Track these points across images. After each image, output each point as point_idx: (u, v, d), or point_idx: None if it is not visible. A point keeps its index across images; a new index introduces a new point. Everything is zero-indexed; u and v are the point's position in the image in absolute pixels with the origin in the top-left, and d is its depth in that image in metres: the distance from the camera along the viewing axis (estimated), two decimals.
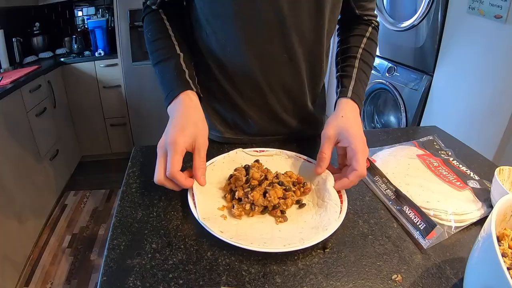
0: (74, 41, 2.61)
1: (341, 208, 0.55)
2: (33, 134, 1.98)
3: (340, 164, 0.63)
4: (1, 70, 2.11)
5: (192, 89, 0.62)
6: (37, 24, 2.52)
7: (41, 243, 1.98)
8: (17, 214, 1.74)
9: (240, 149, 0.70)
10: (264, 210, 0.55)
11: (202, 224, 0.51)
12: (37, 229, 2.00)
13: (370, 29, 0.76)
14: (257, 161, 0.65)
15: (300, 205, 0.57)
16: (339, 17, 0.78)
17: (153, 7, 0.70)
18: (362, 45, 0.74)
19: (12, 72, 2.03)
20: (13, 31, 2.30)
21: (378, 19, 0.79)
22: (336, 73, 0.75)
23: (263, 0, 0.61)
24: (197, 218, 0.52)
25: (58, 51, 2.59)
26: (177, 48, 0.66)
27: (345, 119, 0.63)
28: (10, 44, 2.25)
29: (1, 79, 1.83)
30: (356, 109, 0.66)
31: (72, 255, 1.90)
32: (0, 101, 1.67)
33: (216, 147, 0.75)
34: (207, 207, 0.55)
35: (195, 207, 0.53)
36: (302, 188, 0.59)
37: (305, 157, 0.68)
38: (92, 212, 2.26)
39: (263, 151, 0.70)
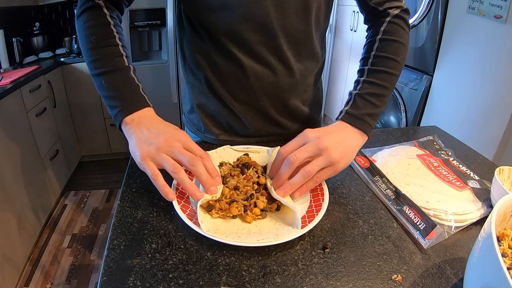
0: (74, 41, 2.61)
1: (323, 198, 0.56)
2: (33, 134, 1.98)
3: None
4: (1, 70, 2.11)
5: (150, 106, 0.61)
6: (37, 24, 2.52)
7: (41, 243, 1.98)
8: (17, 214, 1.74)
9: (228, 146, 0.70)
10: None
11: (179, 215, 0.51)
12: (37, 229, 2.00)
13: (384, 25, 0.67)
14: (246, 154, 0.66)
15: (277, 208, 0.57)
16: (363, 17, 0.74)
17: (98, 1, 0.63)
18: (373, 52, 0.67)
19: (12, 72, 2.03)
20: (13, 31, 2.30)
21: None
22: None
23: (250, 4, 0.62)
24: (176, 209, 0.53)
25: (58, 51, 2.59)
26: (125, 59, 0.62)
27: (319, 128, 0.61)
28: (10, 44, 2.25)
29: (1, 79, 1.83)
30: (344, 126, 0.61)
31: (72, 255, 1.90)
32: (0, 101, 1.67)
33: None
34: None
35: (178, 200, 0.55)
36: None
37: None
38: (92, 212, 2.26)
39: (249, 147, 0.70)
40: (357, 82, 0.67)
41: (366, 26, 0.74)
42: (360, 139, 0.61)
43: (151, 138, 0.55)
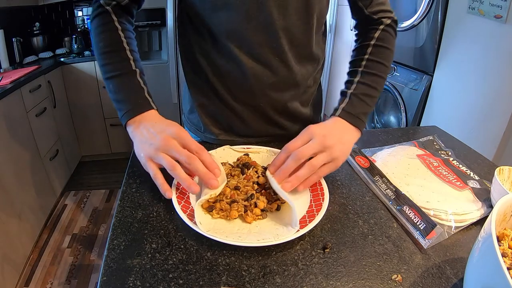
0: (74, 41, 2.61)
1: (323, 198, 0.56)
2: (33, 134, 1.98)
3: None
4: (1, 70, 2.11)
5: (153, 108, 0.63)
6: (37, 24, 2.52)
7: (41, 243, 1.98)
8: (17, 214, 1.74)
9: (228, 146, 0.70)
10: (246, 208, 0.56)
11: (179, 215, 0.52)
12: (37, 229, 1.99)
13: (378, 32, 0.72)
14: (246, 154, 0.66)
15: (277, 208, 0.57)
16: (355, 23, 0.77)
17: (107, 7, 0.66)
18: (366, 56, 0.71)
19: (12, 72, 2.03)
20: (13, 31, 2.29)
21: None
22: None
23: (252, 4, 0.62)
24: (176, 209, 0.53)
25: (58, 51, 2.59)
26: (132, 63, 0.65)
27: (321, 124, 0.63)
28: (10, 44, 2.25)
29: (1, 79, 1.83)
30: (342, 123, 0.65)
31: (72, 255, 1.90)
32: (0, 101, 1.67)
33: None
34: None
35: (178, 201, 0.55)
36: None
37: None
38: (92, 212, 2.26)
39: (249, 148, 0.70)
40: (350, 82, 0.71)
41: (356, 30, 0.78)
42: (356, 135, 0.66)
43: (150, 139, 0.57)
